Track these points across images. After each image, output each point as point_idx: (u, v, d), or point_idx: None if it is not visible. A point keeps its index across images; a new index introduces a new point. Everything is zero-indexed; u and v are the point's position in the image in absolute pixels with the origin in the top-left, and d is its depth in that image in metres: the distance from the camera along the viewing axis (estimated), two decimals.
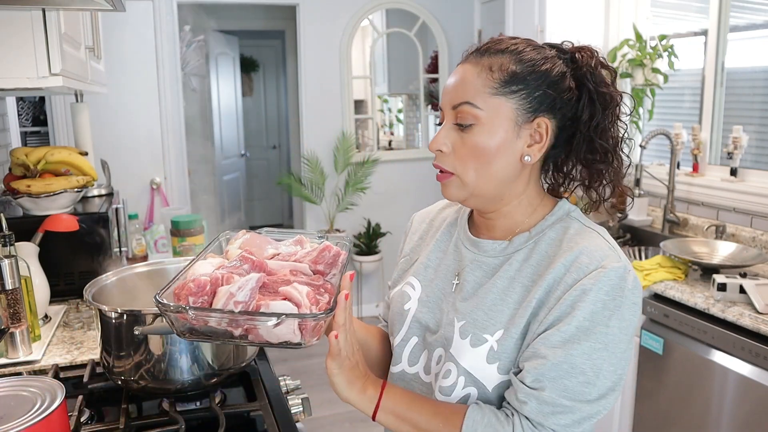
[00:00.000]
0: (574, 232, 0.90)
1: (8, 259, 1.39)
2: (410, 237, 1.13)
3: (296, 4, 4.18)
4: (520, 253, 0.92)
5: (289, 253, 0.92)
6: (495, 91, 0.87)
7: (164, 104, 3.78)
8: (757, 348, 1.76)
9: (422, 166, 4.59)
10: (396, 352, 1.01)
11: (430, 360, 0.96)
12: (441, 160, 0.92)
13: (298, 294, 0.78)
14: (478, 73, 0.88)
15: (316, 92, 4.27)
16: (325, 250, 0.90)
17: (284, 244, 0.96)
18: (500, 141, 0.88)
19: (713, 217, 2.58)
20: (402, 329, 1.00)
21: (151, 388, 1.20)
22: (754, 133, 2.55)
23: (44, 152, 1.93)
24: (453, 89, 0.90)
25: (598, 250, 0.86)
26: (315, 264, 0.89)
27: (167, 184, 3.86)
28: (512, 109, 0.88)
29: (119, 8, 1.25)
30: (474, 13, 4.38)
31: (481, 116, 0.87)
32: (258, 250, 0.92)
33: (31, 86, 1.31)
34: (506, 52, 0.90)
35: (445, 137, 0.90)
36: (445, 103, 0.91)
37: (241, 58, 6.25)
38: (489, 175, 0.89)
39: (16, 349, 1.44)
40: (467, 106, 0.88)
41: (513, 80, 0.88)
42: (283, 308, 0.76)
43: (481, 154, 0.88)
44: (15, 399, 0.89)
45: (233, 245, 0.93)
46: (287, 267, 0.87)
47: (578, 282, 0.83)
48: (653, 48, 2.87)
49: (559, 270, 0.86)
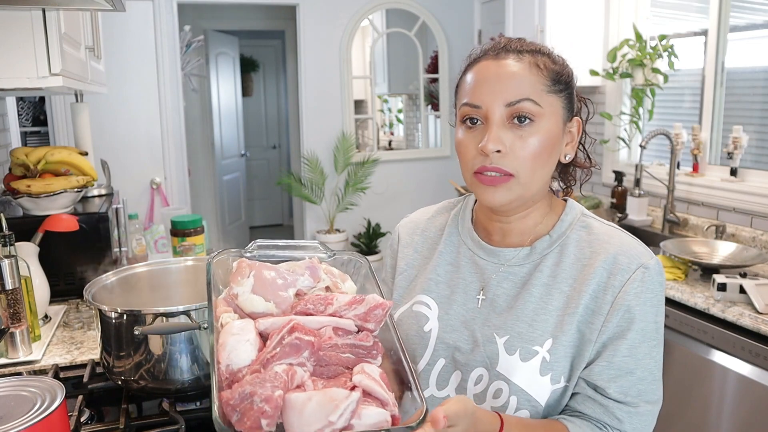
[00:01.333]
0: (599, 232, 0.90)
1: (8, 259, 1.39)
2: (402, 251, 1.05)
3: (296, 4, 4.18)
4: (548, 258, 0.90)
5: (320, 298, 0.76)
6: (548, 89, 0.86)
7: (164, 104, 3.78)
8: (757, 348, 1.76)
9: (422, 166, 4.59)
10: (422, 377, 0.94)
11: (465, 381, 0.91)
12: (500, 162, 0.84)
13: (379, 388, 0.67)
14: (529, 70, 0.85)
15: (316, 92, 4.27)
16: (378, 307, 0.75)
17: (294, 272, 0.81)
18: (555, 139, 0.87)
19: (713, 217, 2.58)
20: (426, 353, 0.94)
21: (151, 388, 1.20)
22: (754, 133, 2.55)
23: (44, 152, 1.93)
24: (504, 85, 0.84)
25: (632, 248, 0.87)
26: (363, 321, 0.75)
27: (167, 184, 3.86)
28: (561, 107, 0.88)
29: (119, 8, 1.25)
30: (474, 13, 4.38)
31: (540, 113, 0.85)
32: (273, 292, 0.77)
33: (31, 86, 1.31)
34: (540, 52, 0.89)
35: (501, 136, 0.84)
36: (492, 100, 0.84)
37: (241, 58, 6.26)
38: (543, 174, 0.88)
39: (16, 349, 1.44)
40: (528, 102, 0.84)
41: (558, 79, 0.87)
42: (378, 418, 0.65)
43: (542, 152, 0.85)
44: (15, 399, 0.89)
45: (242, 287, 0.76)
46: (328, 324, 0.74)
47: (626, 284, 0.84)
48: (653, 48, 2.87)
49: (600, 274, 0.86)
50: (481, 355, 0.89)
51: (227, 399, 0.63)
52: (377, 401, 0.66)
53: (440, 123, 4.70)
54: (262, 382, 0.63)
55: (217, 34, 5.45)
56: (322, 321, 0.74)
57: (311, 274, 0.81)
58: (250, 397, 0.62)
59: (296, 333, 0.69)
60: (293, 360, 0.68)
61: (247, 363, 0.67)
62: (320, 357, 0.71)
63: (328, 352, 0.71)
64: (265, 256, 0.86)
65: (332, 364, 0.71)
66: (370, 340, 0.74)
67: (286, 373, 0.65)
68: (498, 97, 0.84)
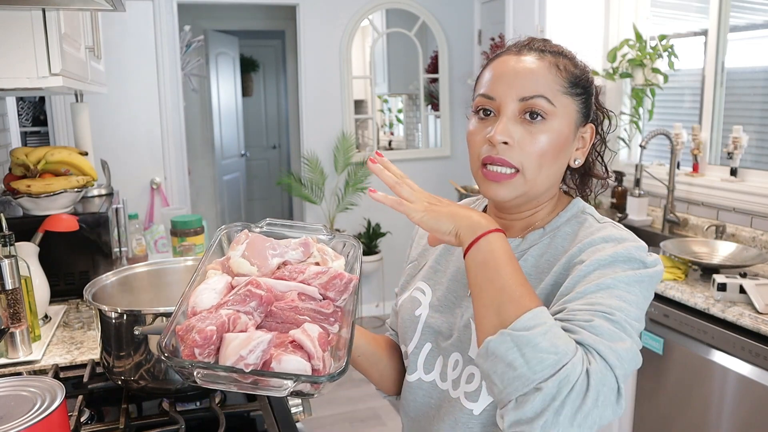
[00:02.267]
0: (589, 226, 0.89)
1: (8, 259, 1.39)
2: (417, 241, 1.10)
3: (296, 4, 4.18)
4: (534, 248, 0.90)
5: (296, 268, 0.86)
6: (565, 90, 0.86)
7: (164, 104, 3.78)
8: (757, 348, 1.76)
9: (422, 166, 4.59)
10: (410, 360, 0.98)
11: (446, 366, 0.93)
12: (506, 153, 0.85)
13: (309, 343, 0.74)
14: (548, 69, 0.86)
15: (316, 92, 4.27)
16: (337, 278, 0.84)
17: (289, 246, 0.91)
18: (565, 140, 0.87)
19: (713, 217, 2.58)
20: (414, 336, 0.97)
21: (151, 388, 1.20)
22: (754, 133, 2.55)
23: (44, 152, 1.93)
24: (521, 80, 0.85)
25: (617, 235, 0.84)
26: (325, 290, 0.84)
27: (167, 184, 3.86)
28: (576, 111, 0.88)
29: (119, 8, 1.25)
30: (474, 13, 4.38)
31: (552, 112, 0.85)
32: (261, 258, 0.87)
33: (31, 86, 1.31)
34: (562, 54, 0.89)
35: (510, 129, 0.85)
36: (507, 92, 0.86)
37: (241, 58, 6.26)
38: (549, 173, 0.88)
39: (16, 349, 1.44)
40: (542, 100, 0.85)
41: (577, 83, 0.88)
42: (297, 366, 0.72)
43: (549, 151, 0.86)
44: (15, 399, 0.89)
45: (235, 252, 0.88)
46: (295, 289, 0.82)
47: (596, 254, 0.80)
48: (653, 48, 2.87)
49: (574, 252, 0.84)
50: (457, 341, 0.91)
51: (178, 329, 0.74)
52: (305, 355, 0.74)
53: (440, 123, 4.70)
54: (204, 319, 0.74)
55: (217, 34, 5.45)
56: (290, 285, 0.82)
57: (303, 249, 0.90)
58: (191, 329, 0.73)
59: (249, 286, 0.79)
60: (240, 308, 0.77)
61: (207, 307, 0.78)
62: (276, 313, 0.79)
63: (287, 312, 0.79)
64: (272, 233, 0.95)
65: (288, 323, 0.79)
66: (331, 308, 0.82)
67: (228, 316, 0.75)
68: (512, 90, 0.85)
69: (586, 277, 0.79)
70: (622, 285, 0.77)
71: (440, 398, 0.93)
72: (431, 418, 0.94)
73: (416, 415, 0.97)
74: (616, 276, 0.78)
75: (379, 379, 1.06)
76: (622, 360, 0.71)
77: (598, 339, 0.71)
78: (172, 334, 0.75)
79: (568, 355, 0.68)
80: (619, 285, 0.77)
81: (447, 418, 0.90)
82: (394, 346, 1.08)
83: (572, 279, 0.80)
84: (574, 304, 0.76)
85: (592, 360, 0.69)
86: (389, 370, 1.05)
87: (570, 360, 0.68)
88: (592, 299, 0.75)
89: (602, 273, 0.78)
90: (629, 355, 0.72)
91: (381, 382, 1.06)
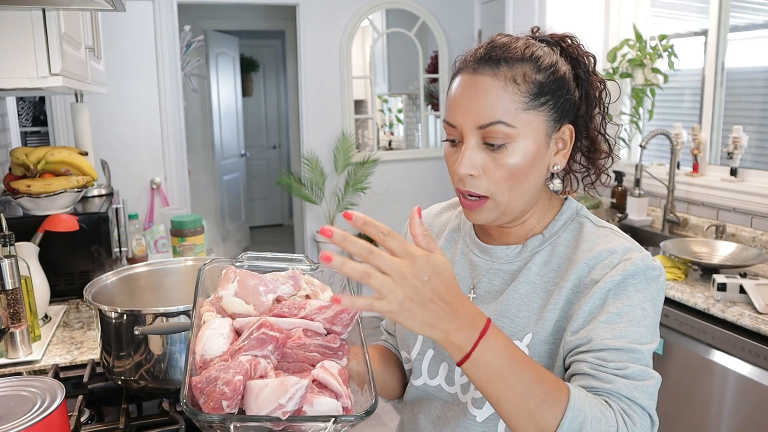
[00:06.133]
0: (589, 231, 0.89)
1: (8, 259, 1.39)
2: None
3: (296, 4, 4.18)
4: (538, 256, 0.90)
5: (294, 303, 0.83)
6: (526, 106, 0.82)
7: (164, 104, 3.78)
8: (757, 348, 1.76)
9: (422, 166, 4.59)
10: (415, 366, 0.97)
11: (452, 372, 0.93)
12: (472, 185, 0.84)
13: (335, 381, 0.73)
14: (504, 87, 0.82)
15: (316, 92, 4.27)
16: (344, 312, 0.81)
17: (278, 280, 0.88)
18: (534, 156, 0.84)
19: (713, 217, 2.58)
20: (416, 344, 0.97)
21: (151, 388, 1.20)
22: (754, 133, 2.55)
23: (44, 152, 1.93)
24: (476, 107, 0.82)
25: (618, 245, 0.85)
26: (331, 324, 0.81)
27: (167, 184, 3.86)
28: (543, 121, 0.84)
29: (119, 8, 1.25)
30: (474, 13, 4.38)
31: (514, 135, 0.82)
32: (254, 296, 0.84)
33: (31, 86, 1.31)
34: (524, 59, 0.84)
35: (473, 159, 0.83)
36: (464, 121, 0.83)
37: (241, 58, 6.26)
38: (523, 191, 0.86)
39: (16, 349, 1.44)
40: (500, 125, 0.81)
41: (541, 91, 0.83)
42: (329, 407, 0.71)
43: (517, 173, 0.83)
44: (15, 399, 0.89)
45: (227, 291, 0.84)
46: (299, 326, 0.80)
47: (606, 275, 0.81)
48: (653, 48, 2.87)
49: (582, 269, 0.84)
50: None
51: (196, 383, 0.70)
52: (332, 393, 0.73)
53: (440, 123, 4.70)
54: (226, 368, 0.71)
55: (217, 34, 5.45)
56: (294, 322, 0.80)
57: (293, 283, 0.88)
58: (214, 381, 0.69)
59: (263, 329, 0.76)
60: (258, 352, 0.75)
61: (218, 353, 0.75)
62: (287, 354, 0.77)
63: (296, 351, 0.78)
64: (254, 267, 0.92)
65: (299, 361, 0.78)
66: (337, 342, 0.80)
67: (249, 362, 0.72)
68: (469, 119, 0.83)
69: (602, 307, 0.80)
70: (638, 310, 0.80)
71: (447, 402, 0.93)
72: (434, 419, 0.94)
73: (420, 416, 0.97)
74: (631, 301, 0.80)
75: (380, 391, 1.05)
76: (653, 397, 0.76)
77: (631, 384, 0.75)
78: (188, 387, 0.71)
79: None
80: (635, 310, 0.79)
81: (451, 422, 0.91)
82: (389, 356, 1.07)
83: (589, 304, 0.81)
84: (599, 332, 0.78)
85: (632, 416, 0.73)
86: (387, 381, 1.04)
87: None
88: (615, 331, 0.78)
89: (617, 299, 0.80)
90: (656, 388, 0.77)
91: (382, 393, 1.05)
